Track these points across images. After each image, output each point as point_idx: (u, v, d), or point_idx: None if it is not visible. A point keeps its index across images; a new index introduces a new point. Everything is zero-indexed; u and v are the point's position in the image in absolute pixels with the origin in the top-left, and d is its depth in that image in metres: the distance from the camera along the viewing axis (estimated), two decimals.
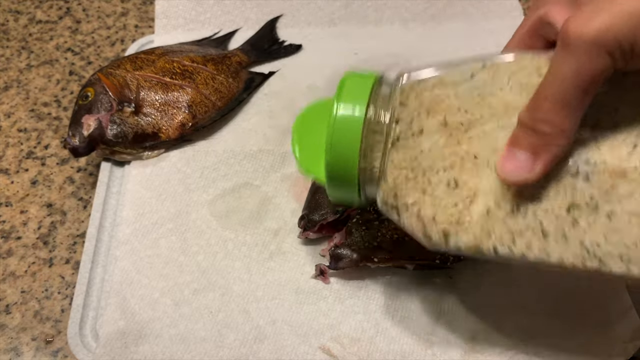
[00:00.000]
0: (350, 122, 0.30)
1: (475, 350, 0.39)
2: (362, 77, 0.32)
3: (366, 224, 0.41)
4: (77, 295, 0.42)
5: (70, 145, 0.46)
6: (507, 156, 0.27)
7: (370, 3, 0.59)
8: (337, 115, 0.31)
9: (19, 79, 0.58)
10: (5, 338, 0.42)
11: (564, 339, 0.39)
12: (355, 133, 0.30)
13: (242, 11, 0.59)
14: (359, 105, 0.31)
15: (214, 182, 0.47)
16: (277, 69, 0.55)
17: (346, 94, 0.31)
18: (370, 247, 0.40)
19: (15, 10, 0.64)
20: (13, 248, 0.47)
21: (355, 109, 0.31)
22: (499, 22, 0.58)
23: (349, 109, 0.31)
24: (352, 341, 0.39)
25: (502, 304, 0.41)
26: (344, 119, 0.31)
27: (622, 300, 0.40)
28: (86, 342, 0.40)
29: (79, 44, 0.61)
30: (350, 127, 0.30)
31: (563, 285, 0.41)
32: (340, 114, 0.31)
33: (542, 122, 0.26)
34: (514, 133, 0.28)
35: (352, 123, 0.30)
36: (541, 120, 0.26)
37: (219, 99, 0.50)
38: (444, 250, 0.30)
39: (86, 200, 0.49)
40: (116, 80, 0.48)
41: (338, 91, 0.32)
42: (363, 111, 0.30)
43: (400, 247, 0.40)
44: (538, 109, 0.26)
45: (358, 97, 0.31)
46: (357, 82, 0.32)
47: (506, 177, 0.27)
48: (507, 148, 0.28)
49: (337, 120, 0.31)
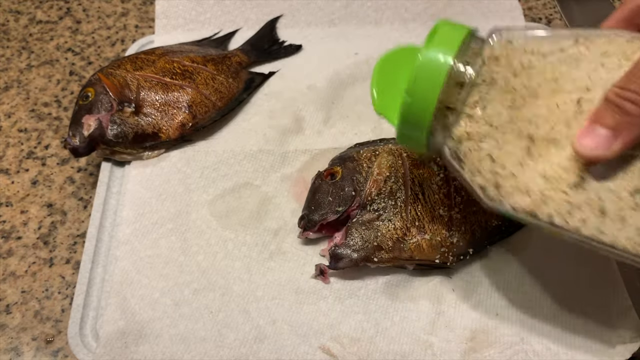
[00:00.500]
0: (436, 68, 0.31)
1: (475, 350, 0.39)
2: (455, 28, 0.32)
3: (366, 224, 0.41)
4: (77, 295, 0.42)
5: (70, 145, 0.46)
6: (586, 131, 0.28)
7: (370, 3, 0.59)
8: (424, 59, 0.31)
9: (20, 79, 0.58)
10: (6, 338, 0.42)
11: (564, 339, 0.39)
12: (438, 79, 0.31)
13: (242, 11, 0.59)
14: (447, 53, 0.31)
15: (214, 182, 0.47)
16: (277, 69, 0.55)
17: (437, 40, 0.31)
18: (370, 247, 0.40)
19: (15, 10, 0.64)
20: (13, 248, 0.47)
21: (443, 56, 0.31)
22: (498, 22, 0.58)
23: (436, 55, 0.31)
24: (352, 341, 0.39)
25: (502, 304, 0.41)
26: (430, 64, 0.31)
27: (622, 300, 0.40)
28: (86, 342, 0.40)
29: (79, 44, 0.61)
30: (435, 73, 0.31)
31: (563, 286, 0.41)
32: (427, 58, 0.31)
33: (630, 101, 0.26)
34: (598, 109, 0.28)
35: (437, 69, 0.31)
36: (629, 100, 0.26)
37: (219, 99, 0.50)
38: (499, 211, 0.31)
39: (86, 200, 0.49)
40: (116, 81, 0.48)
41: (429, 37, 0.32)
42: (450, 60, 0.31)
43: (400, 247, 0.40)
44: (628, 88, 0.26)
45: (448, 45, 0.31)
46: (449, 32, 0.32)
47: (581, 151, 0.28)
48: (588, 123, 0.28)
49: (423, 64, 0.31)
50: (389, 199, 0.42)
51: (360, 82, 0.53)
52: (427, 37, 0.32)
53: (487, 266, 0.42)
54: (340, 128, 0.50)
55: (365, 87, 0.53)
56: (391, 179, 0.42)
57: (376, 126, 0.50)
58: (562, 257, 0.43)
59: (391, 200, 0.41)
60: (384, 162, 0.43)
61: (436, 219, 0.41)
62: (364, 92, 0.53)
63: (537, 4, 0.63)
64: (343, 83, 0.53)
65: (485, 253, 0.43)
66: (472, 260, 0.43)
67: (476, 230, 0.42)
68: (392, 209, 0.41)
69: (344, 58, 0.55)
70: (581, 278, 0.42)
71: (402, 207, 0.41)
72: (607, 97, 0.27)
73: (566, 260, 0.42)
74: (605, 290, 0.41)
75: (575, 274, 0.42)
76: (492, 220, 0.43)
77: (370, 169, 0.43)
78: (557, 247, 0.43)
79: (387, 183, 0.42)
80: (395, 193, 0.42)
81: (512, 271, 0.42)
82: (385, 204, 0.41)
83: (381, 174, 0.42)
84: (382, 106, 0.35)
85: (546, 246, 0.43)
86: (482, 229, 0.42)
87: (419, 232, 0.41)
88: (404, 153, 0.44)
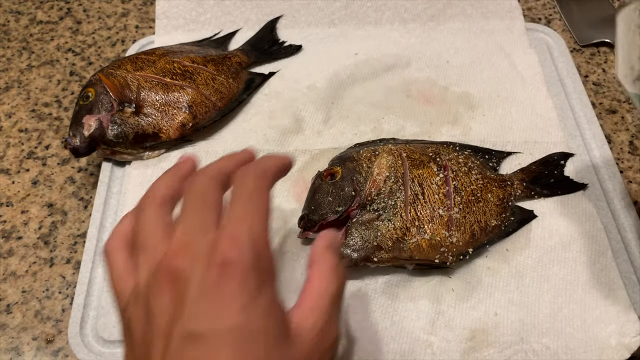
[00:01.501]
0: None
1: (474, 350, 0.39)
2: None
3: (366, 224, 0.41)
4: (77, 295, 0.42)
5: (71, 145, 0.46)
6: None
7: (370, 3, 0.59)
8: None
9: (20, 79, 0.58)
10: (6, 338, 0.42)
11: (563, 338, 0.39)
12: None
13: (242, 12, 0.59)
14: None
15: None
16: (277, 69, 0.55)
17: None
18: (370, 246, 0.40)
19: (16, 10, 0.64)
20: (14, 248, 0.47)
21: None
22: (498, 23, 0.58)
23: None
24: (351, 341, 0.40)
25: (501, 304, 0.41)
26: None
27: (622, 300, 0.40)
28: (87, 341, 0.40)
29: (79, 44, 0.61)
30: None
31: (562, 285, 0.41)
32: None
33: None
34: None
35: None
36: None
37: (219, 99, 0.50)
38: None
39: (87, 200, 0.50)
40: (117, 81, 0.48)
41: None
42: None
43: (400, 247, 0.40)
44: None
45: None
46: None
47: None
48: None
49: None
50: (388, 199, 0.42)
51: (360, 83, 0.53)
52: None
53: (487, 266, 0.43)
54: (340, 128, 0.50)
55: (365, 87, 0.53)
56: (391, 179, 0.42)
57: (376, 126, 0.50)
58: (561, 257, 0.43)
59: (391, 200, 0.42)
60: (383, 162, 0.43)
61: (436, 219, 0.41)
62: (364, 92, 0.53)
63: (536, 4, 0.63)
64: (343, 83, 0.53)
65: (485, 253, 0.43)
66: (472, 260, 0.43)
67: (476, 231, 0.42)
68: (391, 209, 0.41)
69: (343, 58, 0.55)
70: (580, 277, 0.42)
71: (402, 207, 0.41)
72: None
73: (565, 260, 0.43)
74: (605, 290, 0.41)
75: (574, 273, 0.42)
76: (491, 220, 0.43)
77: (370, 169, 0.43)
78: (557, 247, 0.43)
79: (386, 183, 0.42)
80: (395, 193, 0.42)
81: (512, 271, 0.42)
82: (385, 204, 0.41)
83: (381, 174, 0.43)
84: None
85: (546, 246, 0.43)
86: (482, 229, 0.42)
87: (419, 232, 0.41)
88: (403, 153, 0.44)
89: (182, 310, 0.25)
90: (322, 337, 0.29)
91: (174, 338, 0.24)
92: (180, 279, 0.25)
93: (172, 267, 0.26)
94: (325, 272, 0.31)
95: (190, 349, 0.24)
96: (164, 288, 0.25)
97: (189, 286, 0.25)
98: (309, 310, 0.29)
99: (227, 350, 0.24)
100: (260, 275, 0.26)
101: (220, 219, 0.28)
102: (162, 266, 0.26)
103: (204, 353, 0.24)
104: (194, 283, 0.25)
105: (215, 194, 0.29)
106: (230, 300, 0.25)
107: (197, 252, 0.26)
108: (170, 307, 0.25)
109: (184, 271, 0.25)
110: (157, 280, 0.26)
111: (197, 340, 0.24)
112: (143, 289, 0.27)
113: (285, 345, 0.26)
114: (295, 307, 0.29)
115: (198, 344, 0.24)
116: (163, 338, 0.25)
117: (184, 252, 0.26)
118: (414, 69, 0.54)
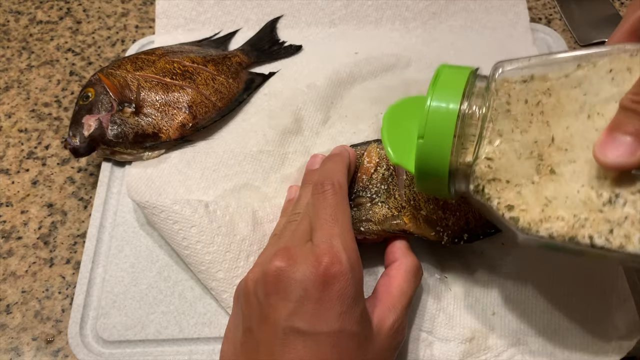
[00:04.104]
0: (445, 115, 0.31)
1: (473, 349, 0.39)
2: (457, 71, 0.32)
3: (358, 206, 0.41)
4: (77, 295, 0.42)
5: (70, 145, 0.46)
6: (606, 140, 0.27)
7: (371, 3, 0.59)
8: (431, 107, 0.31)
9: (20, 79, 0.58)
10: (6, 338, 0.43)
11: (561, 338, 0.39)
12: (448, 126, 0.30)
13: (242, 12, 0.59)
14: (453, 98, 0.31)
15: (214, 183, 0.47)
16: (277, 69, 0.55)
17: (441, 86, 0.31)
18: (359, 221, 0.41)
19: (16, 10, 0.64)
20: (14, 248, 0.47)
21: (449, 102, 0.31)
22: (501, 18, 0.57)
23: (443, 102, 0.31)
24: None
25: (499, 302, 0.41)
26: (438, 111, 0.31)
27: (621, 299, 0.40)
28: (87, 342, 0.40)
29: (79, 44, 0.61)
30: (444, 120, 0.31)
31: (560, 285, 0.41)
32: (434, 106, 0.31)
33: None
34: (615, 118, 0.28)
35: (447, 115, 0.31)
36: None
37: (219, 99, 0.50)
38: (536, 243, 0.30)
39: (87, 201, 0.50)
40: (117, 81, 0.48)
41: (433, 83, 0.32)
42: (457, 104, 0.31)
43: (391, 223, 0.40)
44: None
45: (453, 90, 0.31)
46: (451, 75, 0.32)
47: (606, 161, 0.27)
48: (606, 132, 0.27)
49: (431, 112, 0.31)
50: (381, 184, 0.42)
51: (360, 82, 0.53)
52: (430, 83, 0.32)
53: (484, 264, 0.42)
54: (339, 128, 0.50)
55: (365, 87, 0.53)
56: (382, 166, 0.42)
57: (374, 122, 0.50)
58: (559, 255, 0.43)
59: (383, 185, 0.42)
60: (373, 151, 0.43)
61: (432, 201, 0.41)
62: (364, 91, 0.53)
63: (537, 4, 0.63)
64: (343, 82, 0.53)
65: (482, 251, 0.43)
66: (469, 258, 0.43)
67: (470, 219, 0.41)
68: (384, 193, 0.41)
69: (344, 58, 0.55)
70: (579, 277, 0.42)
71: (395, 191, 0.41)
72: (622, 105, 0.27)
73: (563, 259, 0.42)
74: (604, 289, 0.41)
75: (573, 272, 0.42)
76: None
77: (360, 159, 0.43)
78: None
79: (378, 170, 0.42)
80: (387, 179, 0.42)
81: (509, 270, 0.42)
82: (378, 189, 0.42)
83: (371, 162, 0.43)
84: (400, 158, 0.35)
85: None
86: (476, 220, 0.42)
87: (415, 209, 0.41)
88: None
89: (288, 306, 0.31)
90: (396, 335, 0.34)
91: (280, 326, 0.31)
92: (290, 279, 0.32)
93: (281, 268, 0.32)
94: (408, 272, 0.37)
95: (294, 341, 0.30)
96: (273, 285, 0.32)
97: (297, 288, 0.31)
98: (388, 310, 0.34)
99: (326, 348, 0.30)
100: (356, 287, 0.32)
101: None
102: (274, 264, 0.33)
103: (306, 346, 0.30)
104: (300, 287, 0.31)
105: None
106: (329, 307, 0.31)
107: (302, 261, 0.32)
108: (279, 301, 0.31)
109: (294, 274, 0.32)
110: (267, 277, 0.32)
111: (300, 336, 0.30)
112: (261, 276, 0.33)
113: (369, 345, 0.32)
114: (377, 302, 0.35)
115: (301, 339, 0.30)
116: (272, 324, 0.31)
117: (289, 258, 0.32)
118: (414, 70, 0.54)
